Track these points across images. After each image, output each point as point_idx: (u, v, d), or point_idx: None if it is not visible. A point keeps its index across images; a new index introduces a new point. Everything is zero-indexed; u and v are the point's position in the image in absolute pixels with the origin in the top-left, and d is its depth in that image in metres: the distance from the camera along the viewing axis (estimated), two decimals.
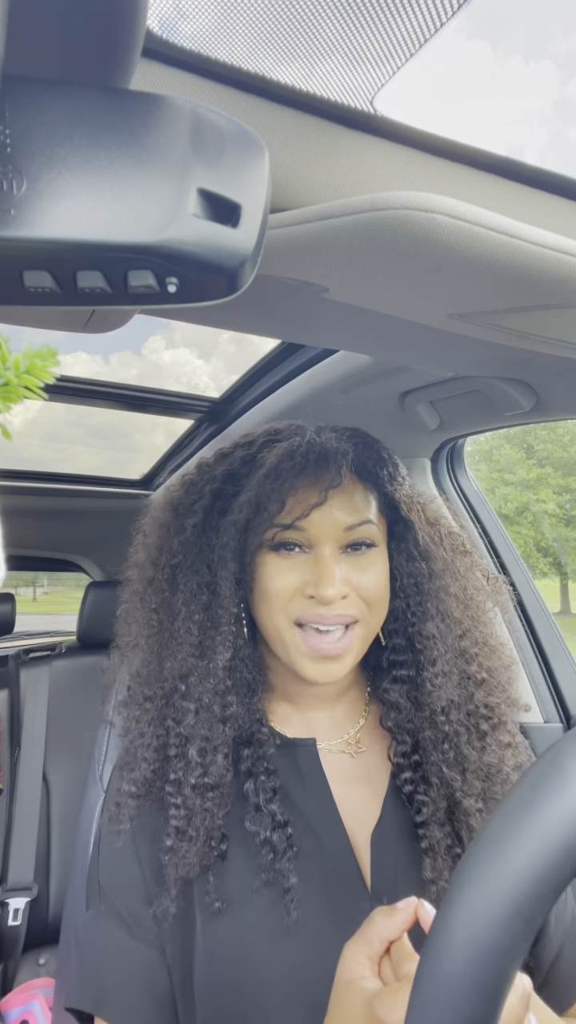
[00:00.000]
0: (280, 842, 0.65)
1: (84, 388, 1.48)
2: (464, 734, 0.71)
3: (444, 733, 0.70)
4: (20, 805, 1.75)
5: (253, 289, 0.36)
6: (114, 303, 0.33)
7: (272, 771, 0.69)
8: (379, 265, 0.50)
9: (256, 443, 0.74)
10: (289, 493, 0.68)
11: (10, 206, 0.29)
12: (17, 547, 2.71)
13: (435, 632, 0.72)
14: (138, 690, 0.72)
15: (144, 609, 0.74)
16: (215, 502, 0.72)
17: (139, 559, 0.76)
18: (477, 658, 0.74)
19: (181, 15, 0.41)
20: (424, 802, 0.69)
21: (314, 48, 0.44)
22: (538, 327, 0.63)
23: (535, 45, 0.53)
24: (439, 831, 0.68)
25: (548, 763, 0.33)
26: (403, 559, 0.74)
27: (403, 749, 0.72)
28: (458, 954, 0.30)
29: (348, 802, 0.70)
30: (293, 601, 0.68)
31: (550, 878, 0.30)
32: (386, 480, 0.73)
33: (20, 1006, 1.33)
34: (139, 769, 0.69)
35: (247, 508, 0.69)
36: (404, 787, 0.71)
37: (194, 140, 0.32)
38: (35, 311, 0.55)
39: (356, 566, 0.69)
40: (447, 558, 0.75)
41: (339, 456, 0.68)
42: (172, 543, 0.73)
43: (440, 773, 0.69)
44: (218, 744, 0.67)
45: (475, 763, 0.70)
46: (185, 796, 0.66)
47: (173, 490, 0.77)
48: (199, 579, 0.71)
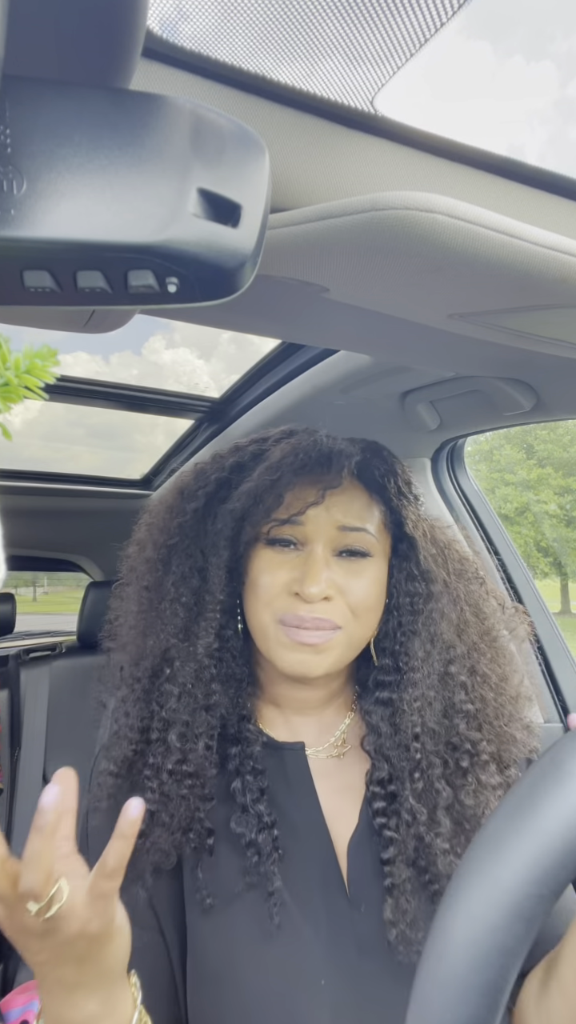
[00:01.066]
0: (266, 844, 0.64)
1: (84, 388, 1.48)
2: (439, 767, 0.67)
3: (415, 761, 0.67)
4: (20, 805, 1.75)
5: (253, 289, 0.36)
6: (114, 303, 0.33)
7: (260, 771, 0.69)
8: (379, 265, 0.50)
9: (269, 439, 0.74)
10: (287, 488, 0.68)
11: (10, 206, 0.29)
12: (17, 547, 2.71)
13: (421, 654, 0.70)
14: (128, 670, 0.73)
15: (137, 585, 0.74)
16: (219, 490, 0.73)
17: (140, 537, 0.77)
18: (466, 688, 0.70)
19: (182, 16, 0.41)
20: (392, 839, 0.66)
21: (314, 48, 0.44)
22: (538, 327, 0.62)
23: (536, 45, 0.53)
24: (405, 871, 0.64)
25: (548, 763, 0.33)
26: (403, 577, 0.73)
27: (379, 776, 0.69)
28: (458, 955, 0.30)
29: (332, 807, 0.70)
30: (279, 598, 0.68)
31: (550, 878, 0.30)
32: (393, 494, 0.72)
33: (20, 1006, 1.33)
34: (120, 748, 0.69)
35: (245, 498, 0.69)
36: (376, 818, 0.68)
37: (194, 140, 0.32)
38: (35, 311, 0.55)
39: (347, 571, 0.69)
40: (448, 581, 0.73)
41: (343, 458, 0.68)
42: (171, 524, 0.73)
43: (410, 808, 0.66)
44: (200, 732, 0.67)
45: (447, 800, 0.66)
46: (162, 781, 0.66)
47: (184, 475, 0.77)
48: (192, 563, 0.72)
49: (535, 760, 0.79)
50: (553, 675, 1.30)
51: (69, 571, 3.18)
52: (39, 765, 1.82)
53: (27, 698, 1.91)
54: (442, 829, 0.65)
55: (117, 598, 0.77)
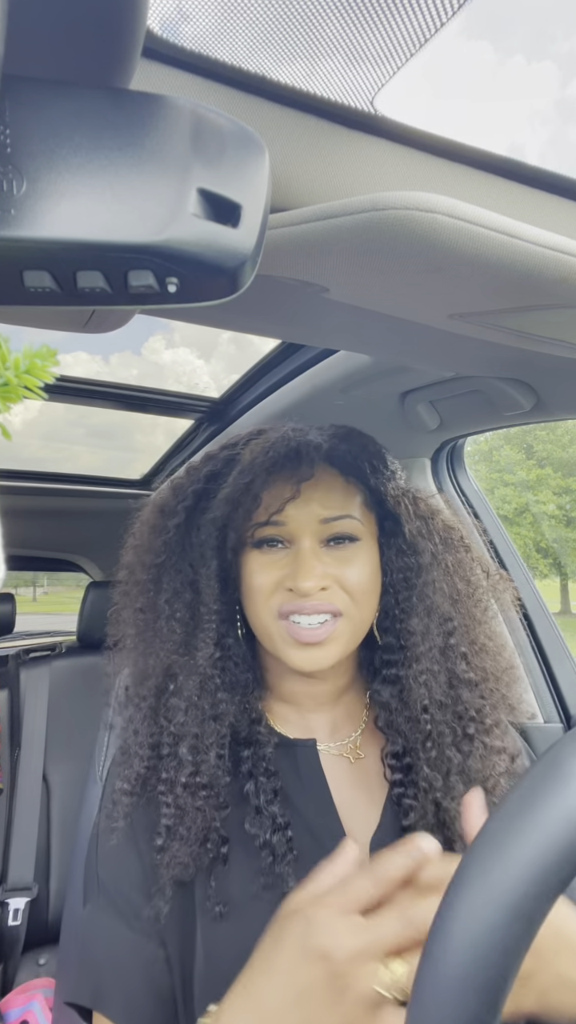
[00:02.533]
0: (280, 845, 0.65)
1: (84, 388, 1.48)
2: (448, 735, 0.69)
3: (426, 732, 0.69)
4: (20, 805, 1.75)
5: (253, 289, 0.36)
6: (114, 303, 0.33)
7: (273, 772, 0.69)
8: (379, 265, 0.50)
9: (239, 443, 0.74)
10: (263, 488, 0.68)
11: (10, 206, 0.29)
12: (17, 547, 2.71)
13: (420, 628, 0.71)
14: (133, 690, 0.73)
15: (131, 609, 0.75)
16: (198, 502, 0.73)
17: (128, 560, 0.77)
18: (466, 657, 0.72)
19: (183, 17, 0.41)
20: (411, 806, 0.68)
21: (315, 48, 0.44)
22: (538, 327, 0.63)
23: (536, 45, 0.53)
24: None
25: (548, 763, 0.33)
26: (393, 554, 0.74)
27: (394, 750, 0.71)
28: (458, 955, 0.30)
29: (347, 807, 0.70)
30: (275, 594, 0.68)
31: (550, 878, 0.30)
32: (369, 473, 0.72)
33: (20, 1006, 1.33)
34: (133, 766, 0.69)
35: (223, 505, 0.69)
36: (394, 789, 0.70)
37: (194, 140, 0.32)
38: (35, 311, 0.55)
39: (338, 559, 0.69)
40: (436, 552, 0.74)
41: (311, 450, 0.68)
42: (156, 544, 0.73)
43: (425, 775, 0.68)
44: (210, 742, 0.67)
45: (458, 766, 0.68)
46: (176, 795, 0.66)
47: (162, 493, 0.77)
48: (182, 578, 0.72)
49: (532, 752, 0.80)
50: (553, 675, 1.30)
51: (69, 571, 3.18)
52: (39, 765, 1.81)
53: (27, 698, 1.91)
54: (456, 793, 0.67)
55: (114, 624, 0.77)
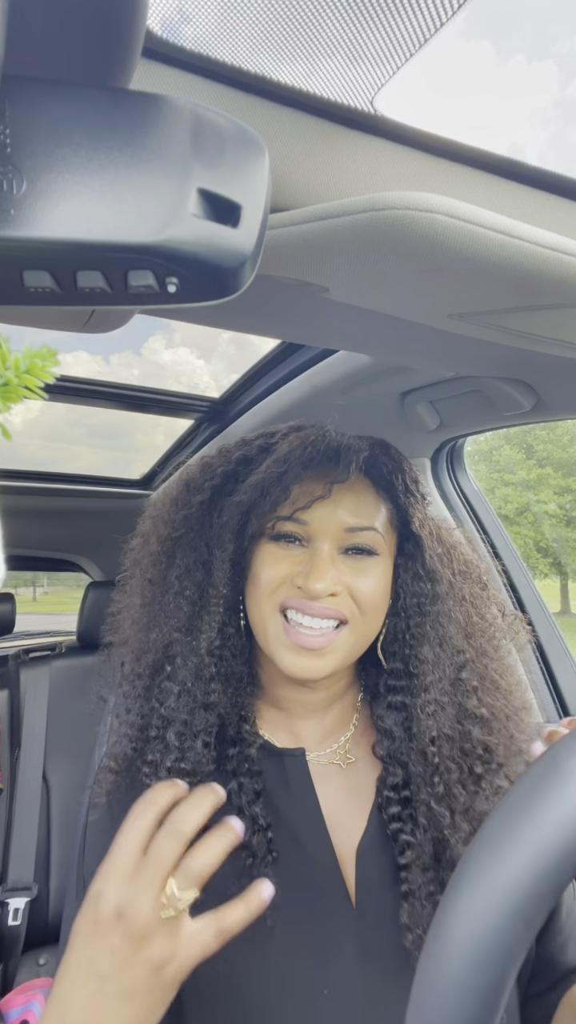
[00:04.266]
0: (260, 847, 0.64)
1: (85, 388, 1.48)
2: (456, 771, 0.67)
3: (434, 766, 0.66)
4: (20, 805, 1.75)
5: (253, 289, 0.36)
6: (114, 303, 0.33)
7: (256, 773, 0.68)
8: (379, 265, 0.50)
9: (277, 433, 0.74)
10: (294, 482, 0.67)
11: (10, 206, 0.29)
12: (17, 547, 2.71)
13: (431, 657, 0.70)
14: (129, 666, 0.72)
15: (140, 578, 0.74)
16: (225, 484, 0.72)
17: (144, 529, 0.76)
18: (477, 693, 0.70)
19: (184, 18, 0.41)
20: (409, 843, 0.65)
21: (315, 48, 0.44)
22: (538, 327, 0.62)
23: (538, 45, 0.53)
24: (422, 876, 0.64)
25: (548, 763, 0.33)
26: (409, 577, 0.72)
27: (394, 781, 0.69)
28: (457, 955, 0.30)
29: (335, 813, 0.69)
30: (281, 588, 0.67)
31: (550, 878, 0.30)
32: (401, 492, 0.71)
33: (20, 1006, 1.33)
34: (120, 745, 0.69)
35: (252, 491, 0.69)
36: (391, 824, 0.67)
37: (194, 140, 0.32)
38: (35, 311, 0.55)
39: (353, 569, 0.68)
40: (454, 582, 0.72)
41: (351, 453, 0.67)
42: (176, 517, 0.73)
43: (428, 811, 0.65)
44: (198, 730, 0.67)
45: (464, 805, 0.66)
46: (160, 778, 0.65)
47: (190, 468, 0.77)
48: (196, 556, 0.71)
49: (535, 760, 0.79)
50: (553, 675, 1.30)
51: (69, 571, 3.18)
52: (39, 765, 1.82)
53: (27, 698, 1.91)
54: (461, 834, 0.65)
55: (120, 592, 0.76)
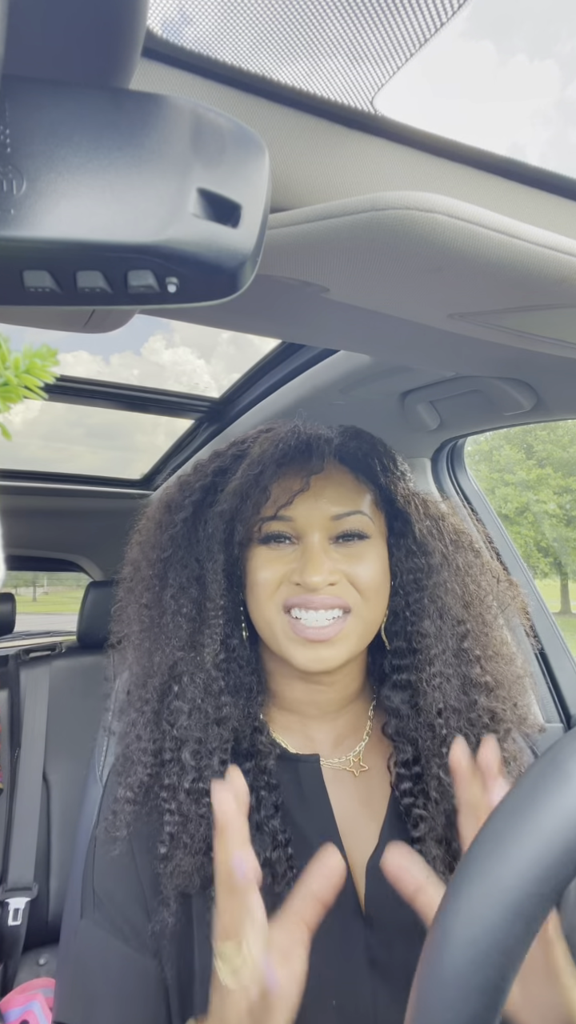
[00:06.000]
0: (280, 863, 0.63)
1: (84, 388, 1.48)
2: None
3: (442, 737, 0.67)
4: (20, 805, 1.75)
5: (253, 289, 0.36)
6: (114, 303, 0.33)
7: (274, 786, 0.67)
8: (379, 265, 0.50)
9: (248, 440, 0.74)
10: (272, 480, 0.68)
11: (10, 206, 0.29)
12: (17, 547, 2.71)
13: (432, 630, 0.70)
14: (136, 693, 0.72)
15: (136, 605, 0.73)
16: (205, 496, 0.72)
17: (133, 556, 0.76)
18: (480, 662, 0.70)
19: (184, 18, 0.41)
20: (422, 816, 0.66)
21: (315, 48, 0.44)
22: (538, 327, 0.62)
23: (538, 45, 0.53)
24: (436, 848, 0.65)
25: (548, 763, 0.33)
26: (402, 554, 0.73)
27: (404, 758, 0.69)
28: (458, 954, 0.30)
29: (347, 821, 0.68)
30: (281, 588, 0.67)
31: (550, 878, 0.30)
32: (379, 472, 0.71)
33: (20, 1006, 1.33)
34: (136, 774, 0.68)
35: (232, 498, 0.69)
36: (403, 799, 0.68)
37: (194, 140, 0.32)
38: (35, 311, 0.55)
39: (348, 556, 0.68)
40: (447, 552, 0.72)
41: (322, 443, 0.68)
42: (163, 538, 0.73)
43: (439, 783, 0.66)
44: (213, 747, 0.66)
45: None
46: (179, 801, 0.65)
47: (169, 490, 0.77)
48: (188, 572, 0.71)
49: (536, 751, 0.79)
50: (553, 675, 1.30)
51: (69, 571, 3.18)
52: (39, 765, 1.82)
53: (27, 698, 1.91)
54: None
55: (117, 621, 0.76)
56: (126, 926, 0.65)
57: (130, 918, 0.65)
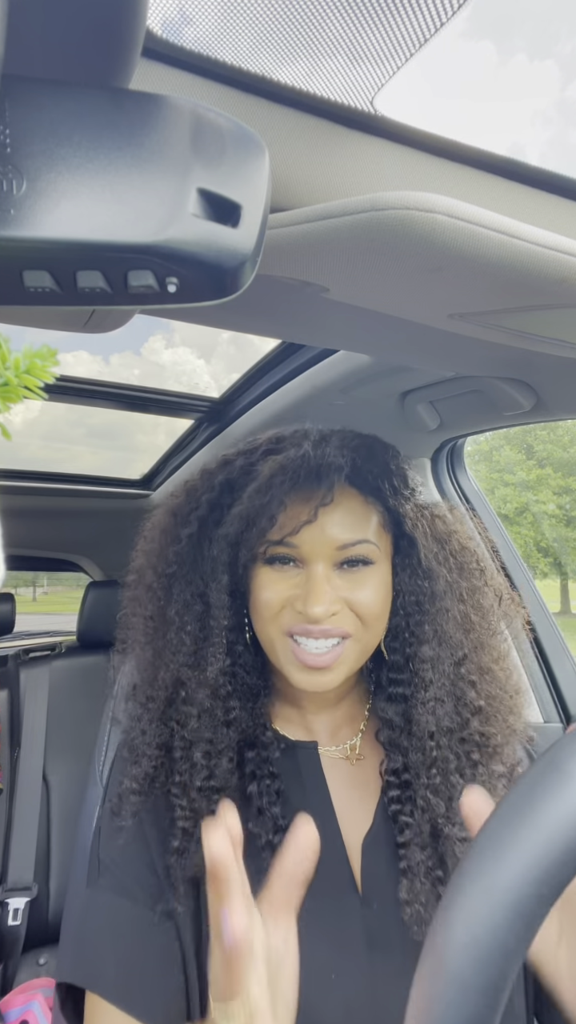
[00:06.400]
0: (280, 846, 0.65)
1: (85, 388, 1.48)
2: (453, 761, 0.68)
3: (432, 759, 0.68)
4: (20, 805, 1.75)
5: (253, 289, 0.36)
6: (114, 303, 0.33)
7: (276, 774, 0.69)
8: (379, 265, 0.50)
9: (258, 451, 0.72)
10: (279, 509, 0.67)
11: (10, 206, 0.29)
12: (17, 547, 2.71)
13: (431, 656, 0.70)
14: (142, 689, 0.73)
15: (141, 615, 0.74)
16: (211, 513, 0.72)
17: (139, 564, 0.76)
18: (476, 686, 0.71)
19: (185, 19, 0.41)
20: (407, 823, 0.68)
21: (315, 48, 0.44)
22: (538, 327, 0.62)
23: (539, 45, 0.53)
24: (420, 853, 0.66)
25: (547, 763, 0.33)
26: (406, 576, 0.72)
27: (394, 766, 0.71)
28: (458, 954, 0.30)
29: (344, 807, 0.70)
30: (283, 613, 0.68)
31: (550, 878, 0.30)
32: (389, 494, 0.70)
33: (20, 1006, 1.33)
34: (141, 765, 0.69)
35: (238, 522, 0.68)
36: (391, 806, 0.70)
37: (194, 140, 0.32)
38: (35, 311, 0.55)
39: (351, 582, 0.68)
40: (451, 579, 0.72)
41: (332, 472, 0.66)
42: (168, 552, 0.73)
43: (425, 797, 0.67)
44: (223, 748, 0.67)
45: (461, 792, 0.66)
46: (192, 799, 0.66)
47: (175, 496, 0.77)
48: (193, 589, 0.71)
49: (534, 756, 0.80)
50: (553, 675, 1.30)
51: (69, 571, 3.18)
52: (39, 765, 1.82)
53: (27, 698, 1.91)
54: (456, 819, 0.66)
55: (123, 628, 0.76)
56: (135, 885, 0.66)
57: (139, 877, 0.66)
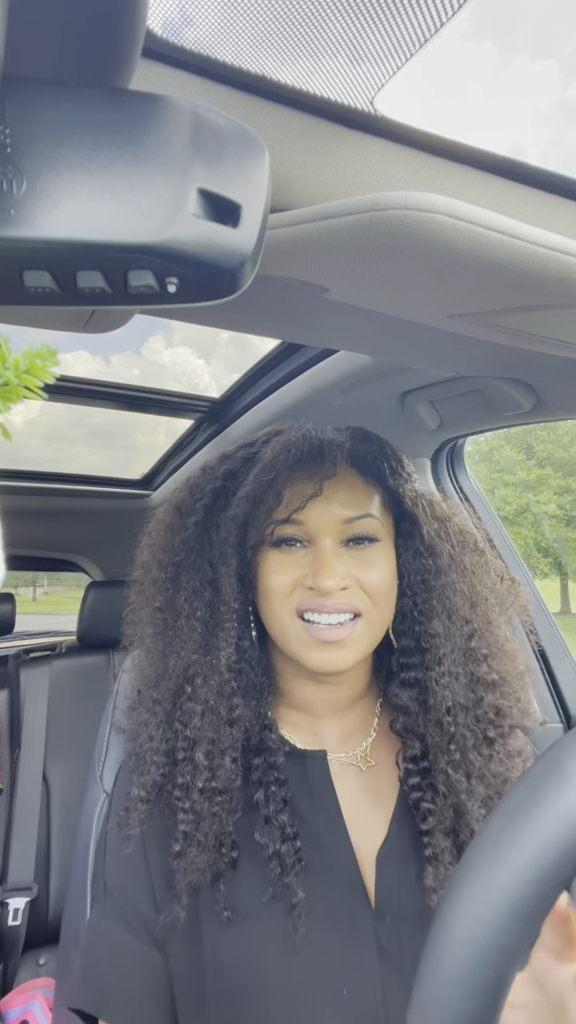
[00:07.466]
0: (288, 855, 0.64)
1: (85, 388, 1.48)
2: (470, 738, 0.69)
3: (450, 735, 0.68)
4: (20, 805, 1.75)
5: (253, 289, 0.36)
6: (114, 303, 0.33)
7: (283, 781, 0.69)
8: (379, 265, 0.50)
9: (257, 442, 0.74)
10: (285, 486, 0.68)
11: (10, 206, 0.29)
12: (17, 547, 2.71)
13: (441, 630, 0.71)
14: (147, 693, 0.73)
15: (149, 608, 0.74)
16: (216, 500, 0.73)
17: (144, 559, 0.77)
18: (487, 660, 0.72)
19: (185, 19, 0.41)
20: (431, 810, 0.67)
21: (316, 48, 0.44)
22: (538, 327, 0.62)
23: (539, 45, 0.53)
24: (444, 840, 0.66)
25: (548, 763, 0.33)
26: (410, 555, 0.73)
27: (412, 753, 0.71)
28: (458, 954, 0.30)
29: (355, 816, 0.70)
30: (294, 593, 0.68)
31: (550, 878, 0.30)
32: (388, 474, 0.72)
33: (20, 1006, 1.33)
34: (148, 773, 0.69)
35: (245, 502, 0.69)
36: (411, 794, 0.69)
37: (194, 140, 0.32)
38: (35, 311, 0.55)
39: (358, 560, 0.69)
40: (454, 553, 0.74)
41: (334, 447, 0.69)
42: (175, 542, 0.73)
43: (447, 778, 0.68)
44: (225, 747, 0.67)
45: (480, 769, 0.68)
46: (193, 800, 0.66)
47: (178, 492, 0.77)
48: (201, 576, 0.71)
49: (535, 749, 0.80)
50: (553, 675, 1.30)
51: (69, 571, 3.18)
52: (39, 765, 1.82)
53: (27, 698, 1.91)
54: (477, 796, 0.67)
55: (130, 624, 0.77)
56: (135, 919, 0.66)
57: (140, 912, 0.66)
